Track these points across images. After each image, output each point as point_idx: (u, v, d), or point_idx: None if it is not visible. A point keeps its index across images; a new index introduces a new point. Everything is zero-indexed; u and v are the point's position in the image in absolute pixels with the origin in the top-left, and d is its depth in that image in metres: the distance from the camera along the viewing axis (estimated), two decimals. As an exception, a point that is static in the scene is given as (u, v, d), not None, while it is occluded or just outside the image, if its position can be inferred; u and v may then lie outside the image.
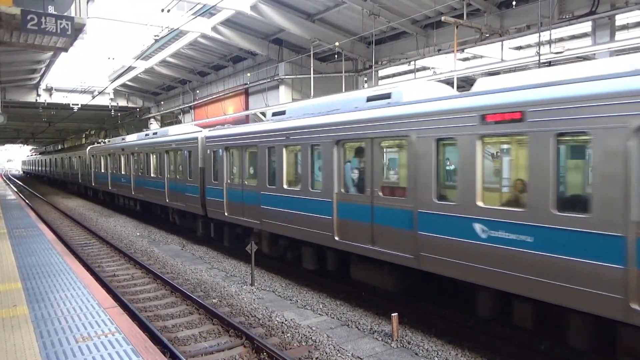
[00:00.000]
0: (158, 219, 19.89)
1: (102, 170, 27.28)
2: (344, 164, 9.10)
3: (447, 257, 6.93)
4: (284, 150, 10.64)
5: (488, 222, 6.36)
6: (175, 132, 18.12)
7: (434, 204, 7.12)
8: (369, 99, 8.87)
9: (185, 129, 18.16)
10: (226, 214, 12.97)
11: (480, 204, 6.52)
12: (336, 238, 9.06)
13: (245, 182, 12.25)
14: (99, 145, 31.01)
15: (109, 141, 30.61)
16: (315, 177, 9.82)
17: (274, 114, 11.87)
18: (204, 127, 17.91)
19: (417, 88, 8.50)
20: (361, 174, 8.81)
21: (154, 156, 18.88)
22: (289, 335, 7.72)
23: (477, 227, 6.50)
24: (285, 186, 10.61)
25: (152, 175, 18.90)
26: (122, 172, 23.25)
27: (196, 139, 14.85)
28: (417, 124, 7.37)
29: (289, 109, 11.56)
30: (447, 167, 7.72)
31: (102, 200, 29.33)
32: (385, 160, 9.10)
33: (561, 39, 18.62)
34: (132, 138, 23.91)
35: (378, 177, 8.31)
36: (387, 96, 8.50)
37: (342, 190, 9.05)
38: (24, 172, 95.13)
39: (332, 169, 9.13)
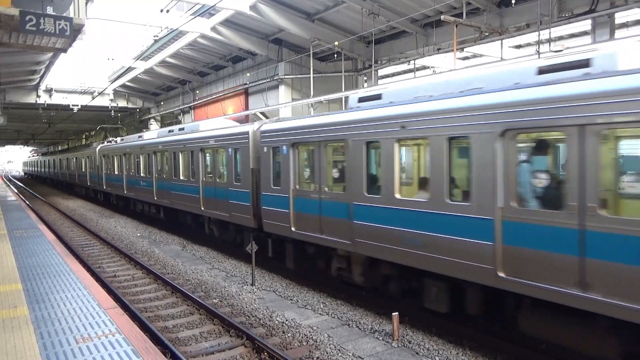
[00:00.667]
0: (157, 221, 19.83)
1: (116, 173, 24.43)
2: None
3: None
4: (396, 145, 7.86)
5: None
6: (210, 126, 15.79)
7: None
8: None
9: (225, 123, 16.22)
10: (293, 228, 10.32)
11: (398, 196, 7.73)
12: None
13: (326, 189, 9.52)
14: (111, 144, 27.94)
15: (122, 139, 27.53)
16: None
17: (362, 100, 9.28)
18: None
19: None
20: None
21: (184, 155, 16.13)
22: (289, 335, 7.72)
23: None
24: (397, 195, 7.86)
25: (181, 178, 16.15)
26: (142, 175, 20.38)
27: (247, 133, 12.17)
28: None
29: (386, 92, 8.87)
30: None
31: (101, 201, 29.17)
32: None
33: (561, 38, 18.60)
34: (151, 135, 21.45)
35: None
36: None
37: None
38: (25, 173, 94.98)
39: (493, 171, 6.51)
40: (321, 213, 9.48)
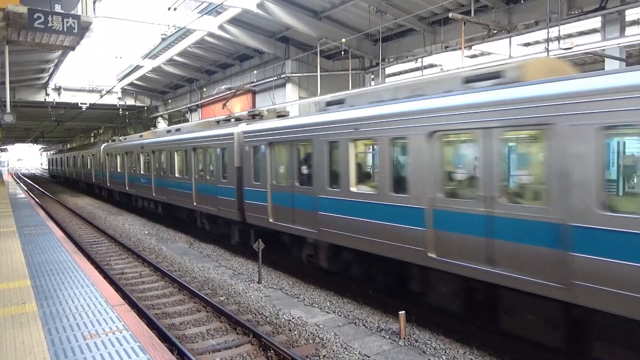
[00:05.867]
0: (169, 219, 19.95)
1: (119, 170, 25.44)
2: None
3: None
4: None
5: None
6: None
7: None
8: None
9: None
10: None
11: (353, 189, 8.81)
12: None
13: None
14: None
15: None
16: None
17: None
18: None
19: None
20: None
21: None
22: (296, 333, 7.71)
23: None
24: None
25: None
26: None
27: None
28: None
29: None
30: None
31: (112, 199, 29.38)
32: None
33: (570, 35, 18.44)
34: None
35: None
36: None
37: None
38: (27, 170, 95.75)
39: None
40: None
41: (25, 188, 39.85)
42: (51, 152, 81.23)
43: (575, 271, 5.47)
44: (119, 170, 25.51)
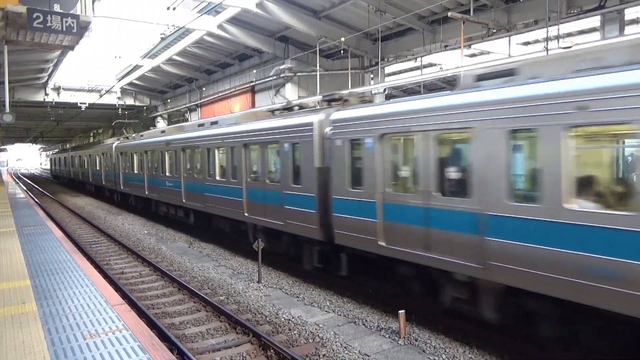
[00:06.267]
0: (168, 220, 19.90)
1: (136, 172, 22.16)
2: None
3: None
4: None
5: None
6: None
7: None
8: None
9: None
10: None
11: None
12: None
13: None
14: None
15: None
16: None
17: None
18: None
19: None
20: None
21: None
22: (296, 332, 7.72)
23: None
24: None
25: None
26: (168, 174, 18.03)
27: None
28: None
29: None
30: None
31: (111, 199, 29.25)
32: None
33: (569, 34, 18.43)
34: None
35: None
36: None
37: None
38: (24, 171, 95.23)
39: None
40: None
41: (25, 188, 39.82)
42: (54, 151, 78.06)
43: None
44: (136, 171, 22.22)
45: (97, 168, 30.74)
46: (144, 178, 20.82)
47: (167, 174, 18.15)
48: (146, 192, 20.71)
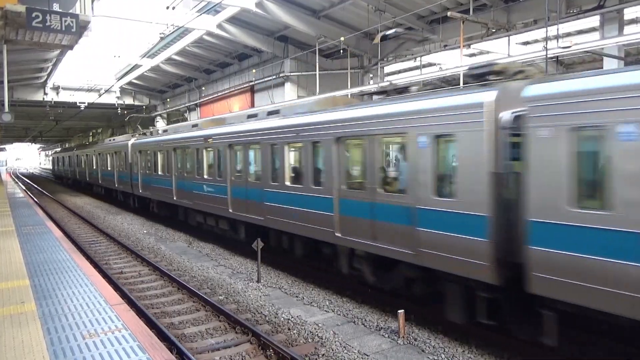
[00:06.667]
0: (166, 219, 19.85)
1: (160, 173, 18.86)
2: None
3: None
4: None
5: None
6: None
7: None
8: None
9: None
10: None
11: (287, 183, 10.66)
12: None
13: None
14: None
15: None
16: None
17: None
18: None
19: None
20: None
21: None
22: (295, 332, 7.72)
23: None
24: (287, 183, 11.09)
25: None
26: (207, 177, 14.79)
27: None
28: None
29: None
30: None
31: (111, 198, 29.18)
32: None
33: (569, 34, 18.44)
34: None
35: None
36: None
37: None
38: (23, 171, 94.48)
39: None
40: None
41: (24, 187, 39.78)
42: (56, 150, 74.96)
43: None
44: (160, 172, 18.88)
45: (108, 168, 27.49)
46: (171, 181, 17.41)
47: (207, 176, 14.83)
48: (174, 198, 17.11)
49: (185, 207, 16.64)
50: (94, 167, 31.45)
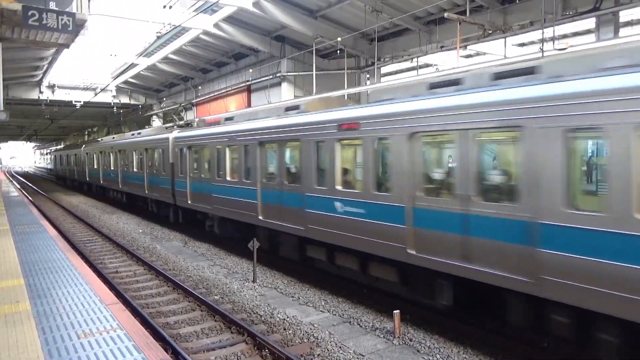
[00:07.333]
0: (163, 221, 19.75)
1: (230, 179, 13.13)
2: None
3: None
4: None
5: (248, 189, 12.03)
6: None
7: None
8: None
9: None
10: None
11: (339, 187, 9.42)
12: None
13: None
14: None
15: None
16: None
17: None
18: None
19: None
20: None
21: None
22: (290, 332, 7.72)
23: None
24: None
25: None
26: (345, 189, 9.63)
27: None
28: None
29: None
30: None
31: (107, 197, 29.11)
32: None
33: (565, 36, 18.51)
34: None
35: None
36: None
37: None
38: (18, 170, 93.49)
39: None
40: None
41: (18, 186, 39.59)
42: (58, 147, 68.81)
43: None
44: (229, 178, 13.18)
45: (134, 170, 21.86)
46: (256, 192, 11.73)
47: (344, 188, 9.28)
48: (260, 217, 11.57)
49: (287, 232, 10.74)
50: (112, 168, 25.85)
